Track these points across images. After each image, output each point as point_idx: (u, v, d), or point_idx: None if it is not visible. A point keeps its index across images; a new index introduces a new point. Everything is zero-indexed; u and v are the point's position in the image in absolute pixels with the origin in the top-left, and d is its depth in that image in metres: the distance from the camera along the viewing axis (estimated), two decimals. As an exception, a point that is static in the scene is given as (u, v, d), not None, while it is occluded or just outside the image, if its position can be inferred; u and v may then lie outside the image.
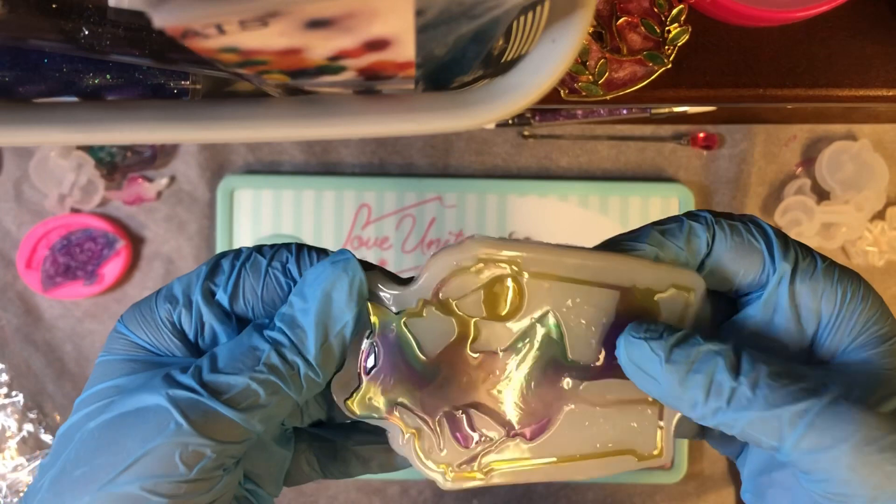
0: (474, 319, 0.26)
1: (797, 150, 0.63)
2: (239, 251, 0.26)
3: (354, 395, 0.26)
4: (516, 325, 0.26)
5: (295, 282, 0.26)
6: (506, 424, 0.26)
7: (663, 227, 0.27)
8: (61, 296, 0.62)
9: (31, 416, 0.62)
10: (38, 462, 0.61)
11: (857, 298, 0.26)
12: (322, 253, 0.26)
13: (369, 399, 0.26)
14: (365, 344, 0.26)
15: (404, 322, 0.26)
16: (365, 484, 0.64)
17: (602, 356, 0.27)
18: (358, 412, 0.26)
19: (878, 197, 0.61)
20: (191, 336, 0.26)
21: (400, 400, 0.26)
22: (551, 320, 0.26)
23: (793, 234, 0.61)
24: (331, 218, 0.62)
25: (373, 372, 0.26)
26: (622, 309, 0.26)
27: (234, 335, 0.26)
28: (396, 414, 0.26)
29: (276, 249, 0.26)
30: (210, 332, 0.26)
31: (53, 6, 0.23)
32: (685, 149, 0.62)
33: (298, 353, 0.24)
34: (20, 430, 0.62)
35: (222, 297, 0.26)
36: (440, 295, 0.26)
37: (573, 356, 0.26)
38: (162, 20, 0.15)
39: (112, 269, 0.62)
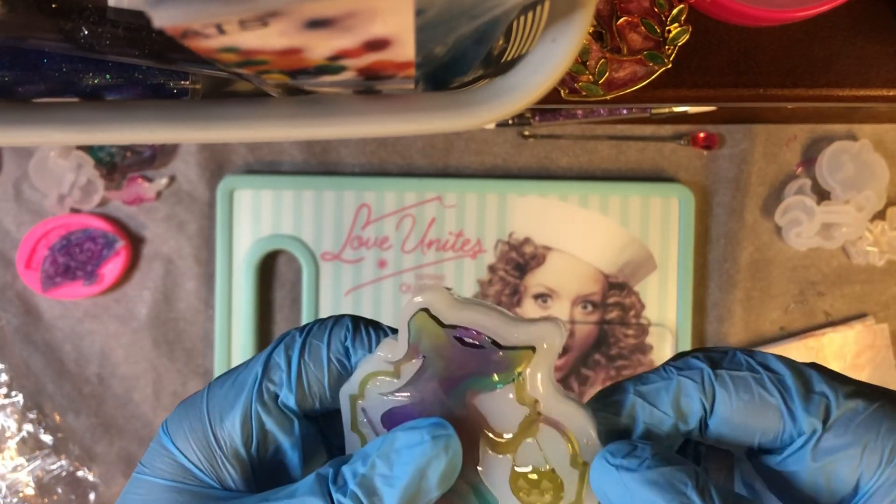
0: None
1: (797, 150, 0.63)
2: (290, 341, 0.24)
3: None
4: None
5: (350, 361, 0.24)
6: None
7: (644, 388, 0.23)
8: (61, 296, 0.62)
9: (31, 416, 0.62)
10: (37, 462, 0.61)
11: None
12: (379, 329, 0.24)
13: None
14: None
15: None
16: None
17: None
18: None
19: (879, 197, 0.61)
20: (246, 453, 0.24)
21: None
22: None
23: (792, 235, 0.61)
24: (331, 218, 0.62)
25: None
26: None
27: (297, 446, 0.24)
28: None
29: (329, 329, 0.24)
30: (273, 444, 0.24)
31: (53, 6, 0.23)
32: (685, 149, 0.62)
33: None
34: (20, 430, 0.62)
35: (287, 396, 0.24)
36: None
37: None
38: (162, 20, 0.15)
39: (112, 269, 0.62)
